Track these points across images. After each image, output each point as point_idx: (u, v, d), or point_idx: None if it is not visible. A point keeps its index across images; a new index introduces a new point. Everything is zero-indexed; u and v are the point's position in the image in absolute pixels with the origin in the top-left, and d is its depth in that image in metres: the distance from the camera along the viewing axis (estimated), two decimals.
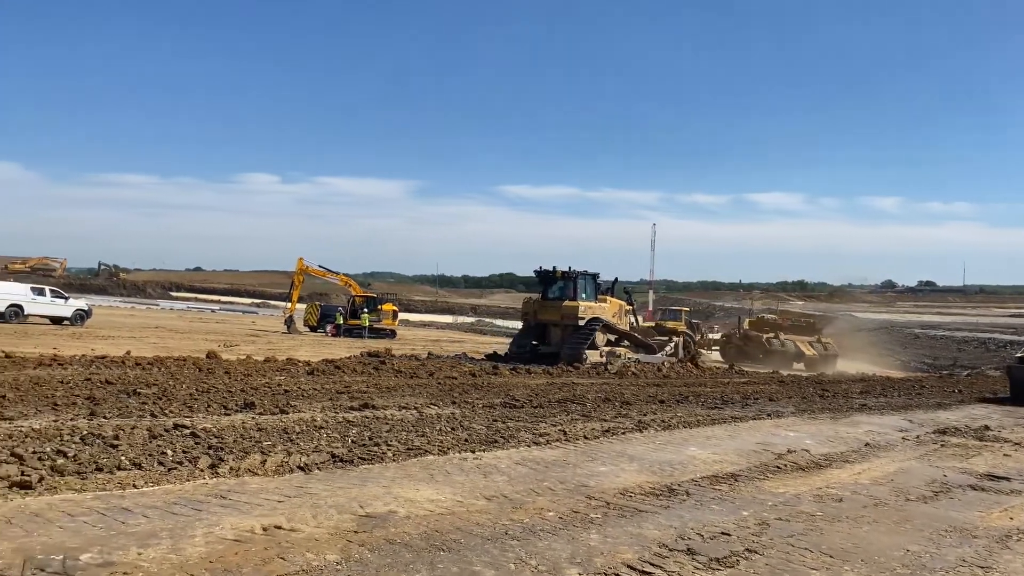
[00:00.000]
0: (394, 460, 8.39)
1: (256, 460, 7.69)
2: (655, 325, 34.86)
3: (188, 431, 8.84)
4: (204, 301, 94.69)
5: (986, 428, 14.33)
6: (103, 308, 51.74)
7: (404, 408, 12.25)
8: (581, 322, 25.11)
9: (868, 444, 11.89)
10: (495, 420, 11.51)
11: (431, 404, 12.94)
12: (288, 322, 41.94)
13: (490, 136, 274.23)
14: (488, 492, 7.25)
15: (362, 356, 21.57)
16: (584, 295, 25.86)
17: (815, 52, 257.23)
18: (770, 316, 49.82)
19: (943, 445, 12.23)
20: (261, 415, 10.61)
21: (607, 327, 25.86)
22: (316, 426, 9.96)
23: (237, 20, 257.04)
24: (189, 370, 15.26)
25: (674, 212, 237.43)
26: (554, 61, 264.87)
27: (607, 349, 25.04)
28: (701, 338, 43.28)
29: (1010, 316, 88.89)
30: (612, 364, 22.92)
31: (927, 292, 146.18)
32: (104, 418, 9.45)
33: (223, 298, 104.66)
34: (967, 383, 28.71)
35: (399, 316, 49.30)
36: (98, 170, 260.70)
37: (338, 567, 4.98)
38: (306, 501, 6.47)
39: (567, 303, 25.48)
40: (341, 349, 28.35)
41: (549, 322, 26.16)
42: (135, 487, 6.59)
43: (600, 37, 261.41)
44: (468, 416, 11.80)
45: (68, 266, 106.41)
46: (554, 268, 26.32)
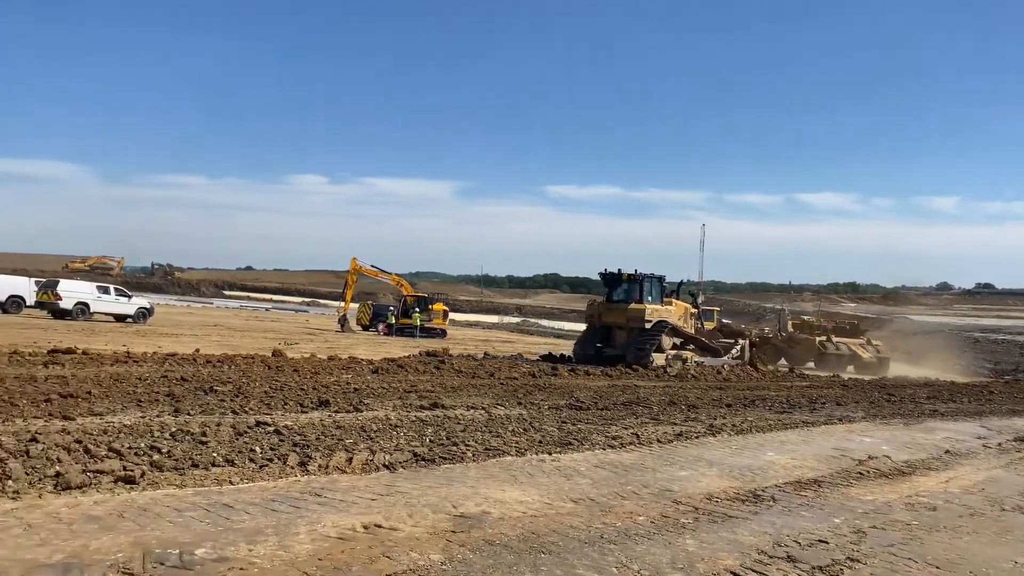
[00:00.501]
0: (474, 460, 8.42)
1: (342, 458, 7.79)
2: (719, 328, 34.26)
3: (271, 429, 8.99)
4: (256, 300, 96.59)
5: None
6: (161, 306, 52.95)
7: (472, 408, 12.29)
8: (647, 325, 24.90)
9: (948, 451, 11.57)
10: (564, 422, 11.48)
11: (497, 404, 12.96)
12: (342, 321, 42.49)
13: (534, 136, 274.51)
14: (573, 495, 7.23)
15: (421, 355, 21.73)
16: (650, 298, 25.65)
17: (869, 48, 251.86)
18: (808, 317, 48.53)
19: None
20: (337, 413, 10.74)
21: (673, 330, 25.61)
22: (392, 425, 10.05)
23: (288, 23, 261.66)
24: (258, 368, 15.53)
25: (723, 212, 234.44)
26: (599, 60, 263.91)
27: (673, 352, 24.79)
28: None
29: None
30: (671, 367, 22.70)
31: (985, 294, 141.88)
32: (188, 415, 9.66)
33: (274, 297, 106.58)
34: None
35: (449, 316, 49.53)
36: (151, 171, 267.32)
37: (443, 567, 5.01)
38: (399, 500, 6.52)
39: (633, 306, 25.28)
40: (397, 348, 28.61)
41: (614, 324, 25.97)
42: (231, 483, 6.72)
43: (647, 35, 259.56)
44: (536, 417, 11.79)
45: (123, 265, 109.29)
46: (619, 270, 26.18)
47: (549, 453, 9.13)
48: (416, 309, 43.82)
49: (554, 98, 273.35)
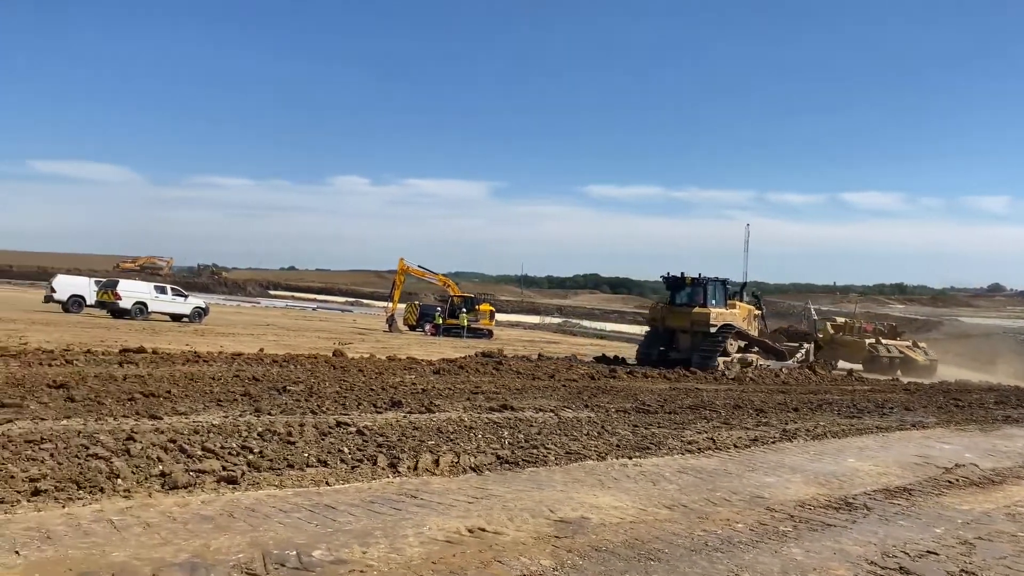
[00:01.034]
0: (556, 464, 8.40)
1: (429, 460, 7.82)
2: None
3: (352, 429, 9.06)
4: (301, 300, 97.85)
5: None
6: (212, 306, 53.90)
7: (540, 410, 12.27)
8: (712, 329, 24.70)
9: None
10: (636, 426, 11.40)
11: (565, 407, 12.92)
12: (390, 321, 42.81)
13: (574, 136, 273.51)
14: (665, 500, 7.16)
15: (478, 356, 21.78)
16: (714, 301, 25.43)
17: (916, 44, 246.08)
18: (842, 319, 47.25)
19: None
20: (410, 414, 10.80)
21: (739, 334, 25.34)
22: (466, 426, 10.07)
23: (330, 27, 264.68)
24: (324, 368, 15.70)
25: (764, 212, 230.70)
26: (639, 59, 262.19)
27: (738, 356, 24.51)
28: None
29: None
30: (730, 370, 22.43)
31: None
32: (269, 415, 9.79)
33: (318, 297, 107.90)
34: None
35: (495, 316, 49.58)
36: (197, 173, 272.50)
37: (556, 573, 4.98)
38: (495, 503, 6.52)
39: (697, 310, 25.07)
40: (449, 349, 28.74)
41: (678, 328, 25.81)
42: (327, 484, 6.79)
43: (688, 33, 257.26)
44: (606, 420, 11.73)
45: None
46: (682, 274, 26.01)
47: (629, 458, 9.07)
48: (463, 309, 43.97)
49: (593, 97, 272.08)
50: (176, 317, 34.46)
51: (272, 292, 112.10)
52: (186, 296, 36.23)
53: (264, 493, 6.33)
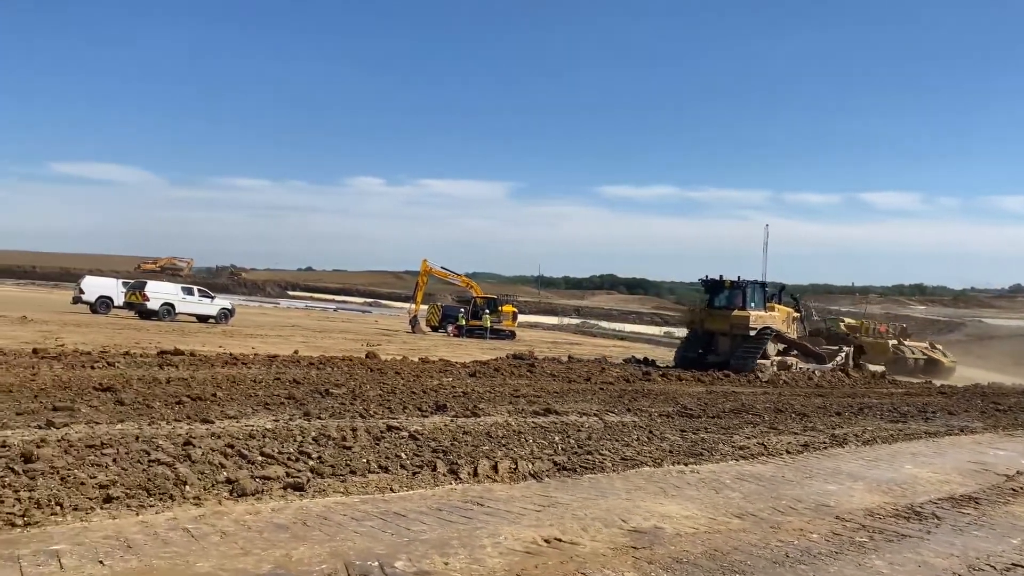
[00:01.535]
0: (614, 471, 8.29)
1: (487, 466, 7.73)
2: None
3: (405, 434, 8.98)
4: (319, 300, 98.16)
5: None
6: (235, 307, 54.16)
7: (584, 415, 12.15)
8: (752, 332, 24.49)
9: None
10: (683, 431, 11.26)
11: (608, 411, 12.80)
12: (413, 322, 42.79)
13: (589, 137, 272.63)
14: (732, 509, 7.02)
15: (509, 358, 21.68)
16: (753, 303, 25.24)
17: (934, 45, 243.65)
18: (851, 320, 46.67)
19: None
20: (456, 418, 10.72)
21: (778, 336, 25.11)
22: (515, 431, 9.97)
23: (345, 28, 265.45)
24: (360, 370, 15.66)
25: (781, 212, 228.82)
26: (654, 58, 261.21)
27: (778, 359, 24.26)
28: None
29: None
30: (763, 372, 22.19)
31: None
32: (319, 418, 9.73)
33: (336, 297, 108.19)
34: None
35: (518, 318, 49.46)
36: (215, 174, 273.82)
37: None
38: (563, 512, 6.41)
39: (737, 313, 24.88)
40: (476, 350, 28.65)
41: (717, 331, 25.63)
42: (392, 491, 6.71)
43: (701, 32, 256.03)
44: (652, 425, 11.59)
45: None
46: (721, 276, 25.89)
47: (685, 464, 8.94)
48: (486, 311, 43.88)
49: (609, 97, 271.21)
50: (202, 318, 34.55)
51: (290, 293, 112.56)
52: (213, 297, 36.33)
53: (332, 500, 6.26)
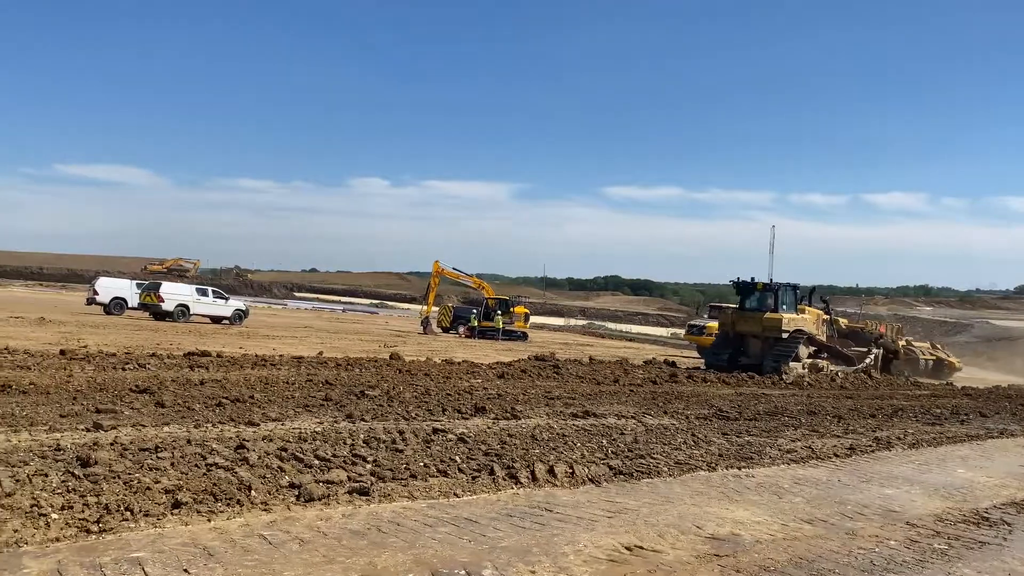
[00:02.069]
0: (670, 475, 8.14)
1: (543, 470, 7.59)
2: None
3: (452, 436, 8.85)
4: (326, 301, 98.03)
5: None
6: None
7: (622, 417, 12.02)
8: (784, 335, 24.34)
9: None
10: (726, 433, 11.11)
11: (644, 413, 12.66)
12: (425, 323, 42.63)
13: (594, 138, 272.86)
14: (800, 515, 6.87)
15: (532, 360, 21.52)
16: (784, 306, 25.10)
17: (938, 46, 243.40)
18: (845, 321, 46.50)
19: None
20: (498, 420, 10.60)
21: (810, 339, 24.95)
22: (559, 434, 9.83)
23: (351, 30, 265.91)
24: (388, 371, 15.53)
25: (786, 213, 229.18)
26: (659, 60, 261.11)
27: (809, 362, 24.11)
28: None
29: None
30: (787, 374, 22.01)
31: None
32: (363, 420, 9.60)
33: (343, 298, 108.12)
34: None
35: (530, 319, 49.27)
36: (220, 175, 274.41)
37: None
38: (634, 518, 6.27)
39: (769, 315, 24.73)
40: (492, 351, 28.51)
41: (748, 333, 25.48)
42: (456, 495, 6.57)
43: (708, 33, 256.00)
44: (692, 428, 11.45)
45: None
46: (752, 279, 25.74)
47: (738, 468, 8.79)
48: (498, 312, 43.72)
49: (614, 99, 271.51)
50: (216, 319, 34.42)
51: (297, 294, 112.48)
52: (227, 298, 36.16)
53: (399, 505, 6.12)
